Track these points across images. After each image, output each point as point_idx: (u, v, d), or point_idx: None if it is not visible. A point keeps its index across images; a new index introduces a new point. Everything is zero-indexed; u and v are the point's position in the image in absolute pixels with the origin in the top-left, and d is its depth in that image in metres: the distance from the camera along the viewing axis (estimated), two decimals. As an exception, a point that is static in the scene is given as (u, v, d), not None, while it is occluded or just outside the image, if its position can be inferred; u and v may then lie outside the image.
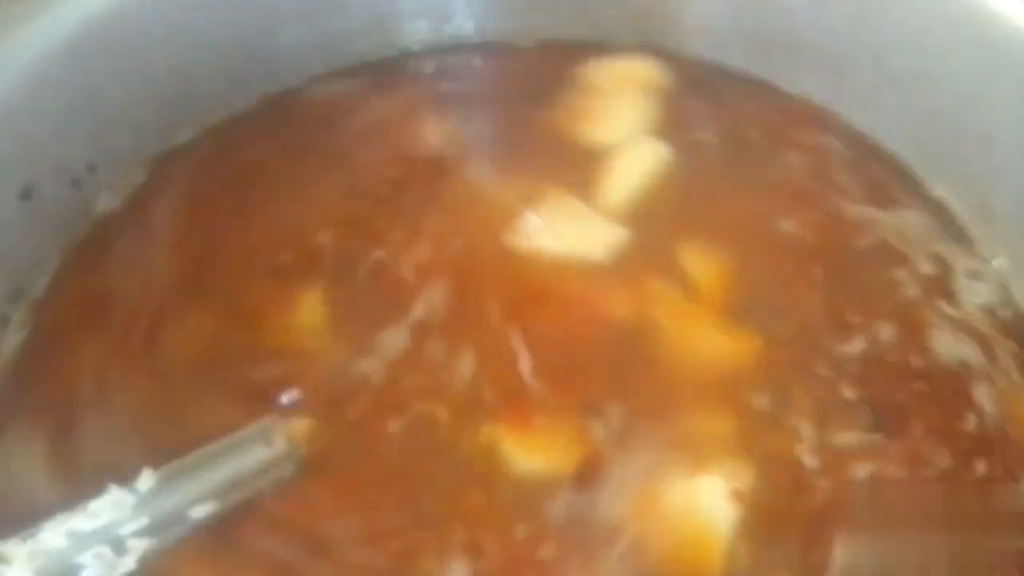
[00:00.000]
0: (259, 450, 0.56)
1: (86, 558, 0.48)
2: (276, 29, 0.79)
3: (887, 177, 0.75)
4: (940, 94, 0.71)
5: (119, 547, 0.50)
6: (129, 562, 0.50)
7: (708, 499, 0.56)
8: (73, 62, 0.68)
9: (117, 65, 0.71)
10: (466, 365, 0.62)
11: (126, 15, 0.70)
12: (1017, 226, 0.69)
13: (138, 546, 0.50)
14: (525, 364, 0.62)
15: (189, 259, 0.69)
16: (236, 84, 0.79)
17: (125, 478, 0.52)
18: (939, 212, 0.72)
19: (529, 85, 0.80)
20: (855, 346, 0.63)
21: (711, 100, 0.79)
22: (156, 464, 0.54)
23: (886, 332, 0.64)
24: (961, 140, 0.71)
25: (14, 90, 0.65)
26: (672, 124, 0.76)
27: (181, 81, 0.75)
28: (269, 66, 0.80)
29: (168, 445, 0.55)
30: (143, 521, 0.51)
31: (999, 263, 0.69)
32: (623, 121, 0.76)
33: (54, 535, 0.48)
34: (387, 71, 0.84)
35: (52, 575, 0.47)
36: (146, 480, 0.52)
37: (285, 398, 0.60)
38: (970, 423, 0.60)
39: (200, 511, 0.53)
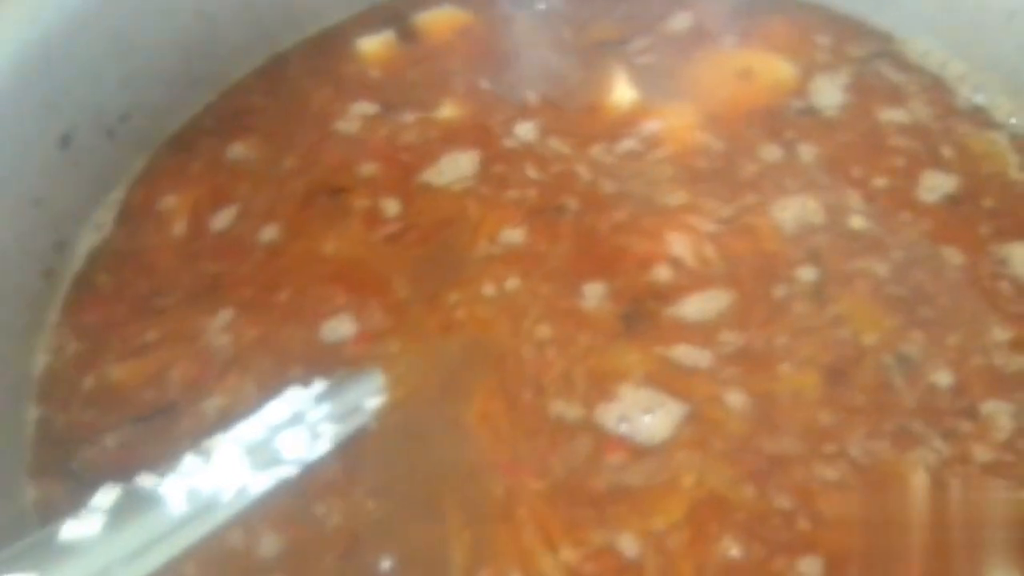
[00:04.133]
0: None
1: (284, 441, 0.53)
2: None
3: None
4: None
5: (312, 431, 0.54)
6: (324, 444, 0.54)
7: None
8: (104, 7, 0.67)
9: (147, 10, 0.70)
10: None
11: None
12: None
13: (329, 430, 0.55)
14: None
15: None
16: (261, 30, 0.78)
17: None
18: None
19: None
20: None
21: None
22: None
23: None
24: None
25: (50, 35, 0.64)
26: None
27: (207, 28, 0.75)
28: (291, 12, 0.80)
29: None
30: (326, 409, 0.55)
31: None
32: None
33: (253, 427, 0.53)
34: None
35: (259, 457, 0.52)
36: (319, 384, 0.57)
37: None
38: None
39: (373, 402, 0.58)
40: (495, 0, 0.82)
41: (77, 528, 0.44)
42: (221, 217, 0.68)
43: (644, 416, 0.57)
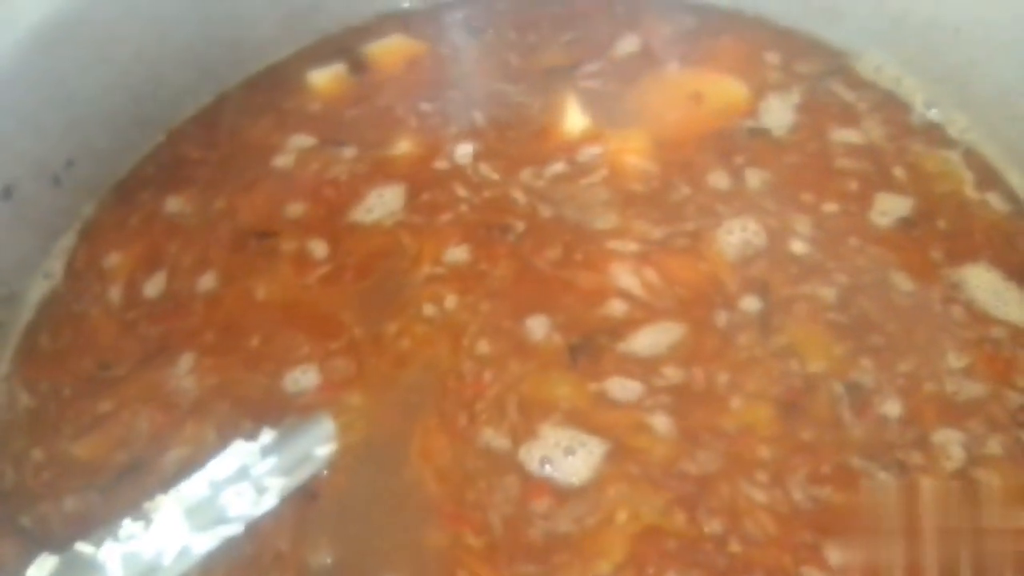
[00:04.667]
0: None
1: (229, 499, 0.53)
2: (242, 11, 0.78)
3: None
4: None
5: (258, 486, 0.54)
6: (271, 499, 0.54)
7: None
8: (40, 54, 0.67)
9: (84, 55, 0.69)
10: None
11: (90, 3, 0.68)
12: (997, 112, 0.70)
13: (276, 484, 0.54)
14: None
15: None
16: (205, 71, 0.78)
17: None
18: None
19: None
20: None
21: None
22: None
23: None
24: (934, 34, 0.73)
25: (-17, 86, 0.63)
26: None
27: (150, 69, 0.74)
28: (237, 51, 0.79)
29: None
30: (273, 462, 0.55)
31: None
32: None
33: (196, 485, 0.53)
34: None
35: (202, 517, 0.52)
36: (267, 436, 0.57)
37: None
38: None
39: (323, 451, 0.57)
40: (443, 30, 0.82)
41: (8, 605, 0.44)
42: (154, 282, 0.67)
43: (566, 457, 0.56)
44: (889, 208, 0.67)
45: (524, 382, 0.60)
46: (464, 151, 0.72)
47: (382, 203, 0.69)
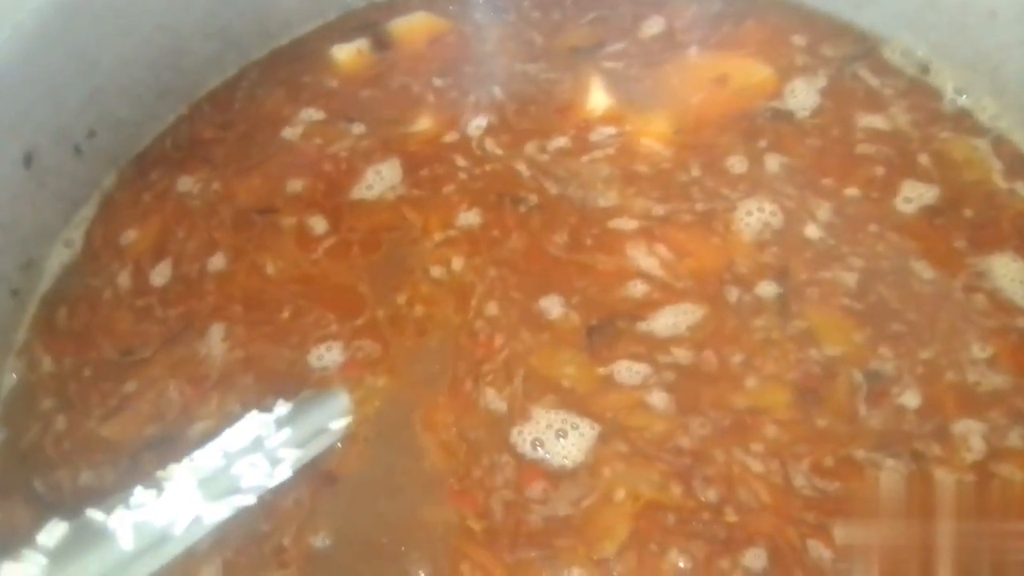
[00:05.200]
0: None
1: (242, 469, 0.53)
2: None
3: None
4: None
5: (272, 458, 0.54)
6: (284, 470, 0.54)
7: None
8: (62, 22, 0.66)
9: (106, 26, 0.69)
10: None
11: (111, -28, 0.69)
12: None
13: (290, 456, 0.54)
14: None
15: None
16: (229, 43, 0.77)
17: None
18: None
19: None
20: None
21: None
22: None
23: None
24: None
25: (5, 52, 0.63)
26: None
27: (172, 40, 0.74)
28: (261, 23, 0.79)
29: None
30: (287, 434, 0.55)
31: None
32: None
33: (210, 454, 0.53)
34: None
35: (215, 487, 0.52)
36: (281, 407, 0.57)
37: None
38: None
39: (338, 424, 0.57)
40: (467, 7, 0.81)
41: (17, 569, 0.44)
42: (160, 271, 0.67)
43: (557, 439, 0.56)
44: (914, 195, 0.65)
45: (534, 354, 0.60)
46: (478, 126, 0.72)
47: (380, 179, 0.69)
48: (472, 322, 0.61)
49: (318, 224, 0.68)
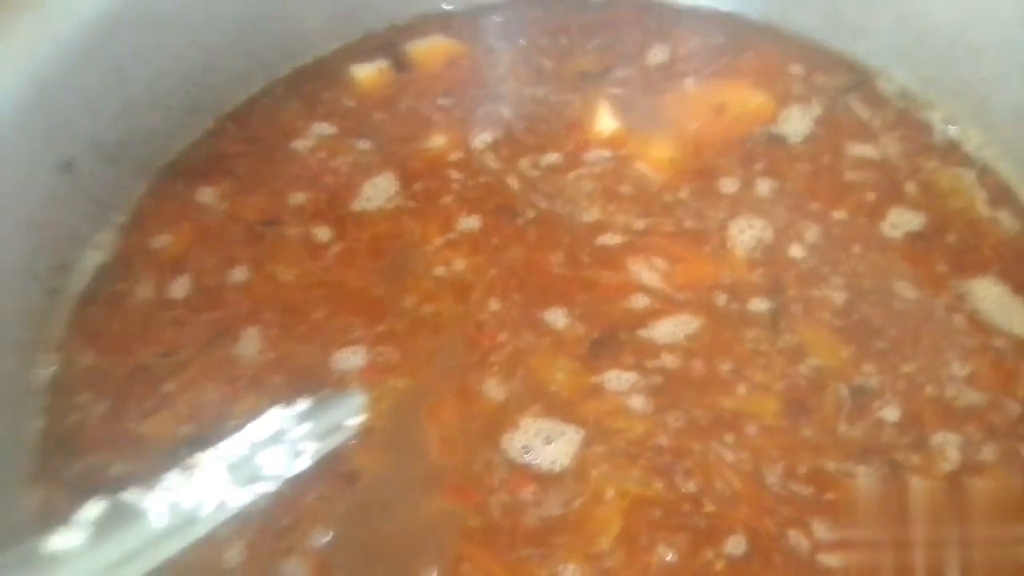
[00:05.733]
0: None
1: (265, 459, 0.55)
2: (291, 6, 0.82)
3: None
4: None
5: (293, 449, 0.57)
6: (304, 461, 0.57)
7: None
8: (102, 38, 0.71)
9: (143, 41, 0.74)
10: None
11: (151, -8, 0.73)
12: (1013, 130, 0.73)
13: (310, 448, 0.57)
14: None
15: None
16: (255, 61, 0.82)
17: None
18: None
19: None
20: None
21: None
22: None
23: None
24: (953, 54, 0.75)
25: (49, 65, 0.68)
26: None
27: (203, 57, 0.78)
28: (285, 43, 0.83)
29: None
30: (308, 427, 0.58)
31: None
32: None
33: (236, 444, 0.55)
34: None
35: (240, 473, 0.54)
36: (302, 403, 0.59)
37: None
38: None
39: (354, 421, 0.61)
40: (481, 33, 0.86)
41: (63, 540, 0.47)
42: (183, 281, 0.70)
43: (545, 446, 0.60)
44: (900, 221, 0.70)
45: (535, 356, 0.63)
46: (483, 140, 0.76)
47: (378, 192, 0.74)
48: (476, 314, 0.66)
49: (322, 233, 0.71)
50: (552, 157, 0.75)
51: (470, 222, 0.71)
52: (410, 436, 0.61)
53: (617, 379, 0.62)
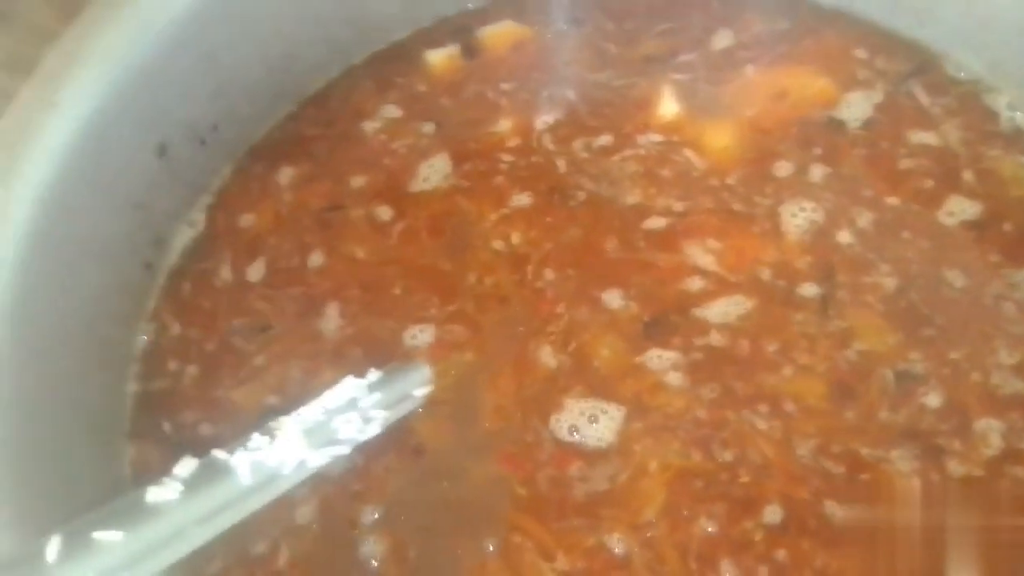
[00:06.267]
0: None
1: (339, 424, 0.61)
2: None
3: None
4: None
5: (365, 416, 0.62)
6: (375, 428, 0.62)
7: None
8: (194, 29, 0.75)
9: (232, 31, 0.78)
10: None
11: (239, -16, 0.78)
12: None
13: (380, 416, 0.62)
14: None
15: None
16: (334, 47, 0.86)
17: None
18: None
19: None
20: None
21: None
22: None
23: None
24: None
25: (146, 56, 0.73)
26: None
27: (286, 45, 0.83)
28: (362, 29, 0.87)
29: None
30: (378, 397, 0.63)
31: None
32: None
33: (313, 410, 0.61)
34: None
35: (317, 437, 0.59)
36: (373, 375, 0.64)
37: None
38: None
39: (420, 392, 0.65)
40: (549, 17, 0.88)
41: (160, 493, 0.53)
42: (255, 268, 0.75)
43: (591, 424, 0.63)
44: (957, 209, 0.70)
45: (588, 331, 0.67)
46: (545, 121, 0.80)
47: (433, 172, 0.78)
48: (534, 283, 0.70)
49: (384, 213, 0.76)
50: (604, 139, 0.77)
51: (522, 199, 0.74)
52: (470, 406, 0.65)
53: (659, 358, 0.65)
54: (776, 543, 0.58)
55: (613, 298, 0.68)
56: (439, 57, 0.87)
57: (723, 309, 0.67)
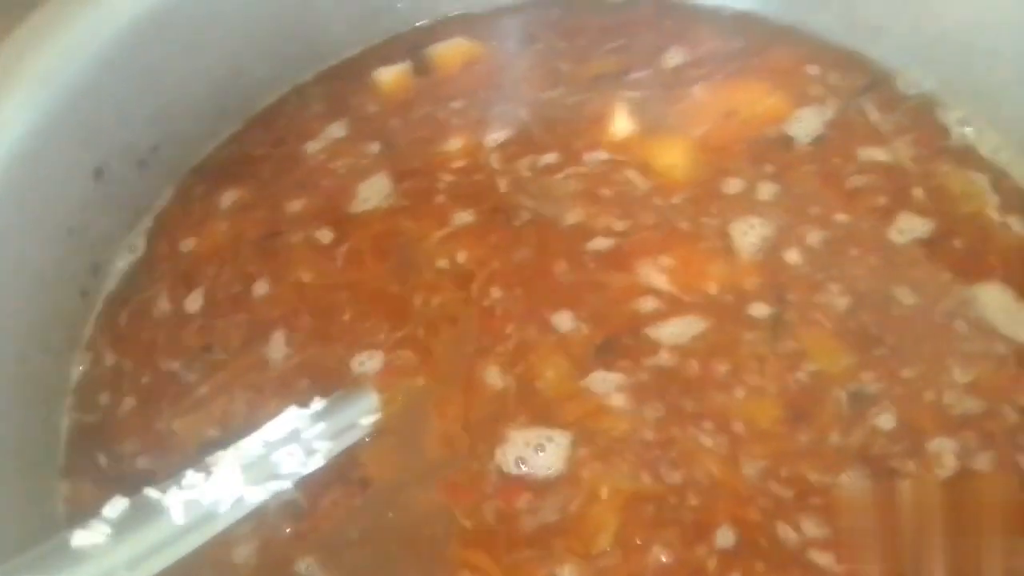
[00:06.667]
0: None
1: (281, 458, 0.59)
2: (316, 11, 0.85)
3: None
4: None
5: (308, 448, 0.60)
6: (318, 460, 0.60)
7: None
8: (133, 47, 0.73)
9: (172, 50, 0.76)
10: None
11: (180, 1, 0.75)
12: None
13: (324, 447, 0.61)
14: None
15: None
16: (282, 65, 0.84)
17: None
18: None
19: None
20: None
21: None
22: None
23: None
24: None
25: (81, 75, 0.70)
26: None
27: (231, 62, 0.81)
28: (311, 47, 0.86)
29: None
30: (322, 427, 0.61)
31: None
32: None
33: (253, 444, 0.59)
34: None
35: (256, 472, 0.58)
36: (317, 404, 0.63)
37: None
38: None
39: (367, 420, 0.63)
40: (501, 35, 0.87)
41: (87, 536, 0.51)
42: (195, 296, 0.73)
43: (537, 454, 0.61)
44: (908, 227, 0.70)
45: (536, 352, 0.66)
46: (495, 140, 0.78)
47: (373, 192, 0.76)
48: (480, 300, 0.68)
49: (324, 236, 0.74)
50: (550, 158, 0.76)
51: (464, 217, 0.73)
52: (417, 433, 0.64)
53: (603, 380, 0.64)
54: (730, 566, 0.57)
55: (564, 320, 0.67)
56: (390, 75, 0.86)
57: (676, 330, 0.66)
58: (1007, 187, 0.73)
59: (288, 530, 0.60)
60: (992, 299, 0.66)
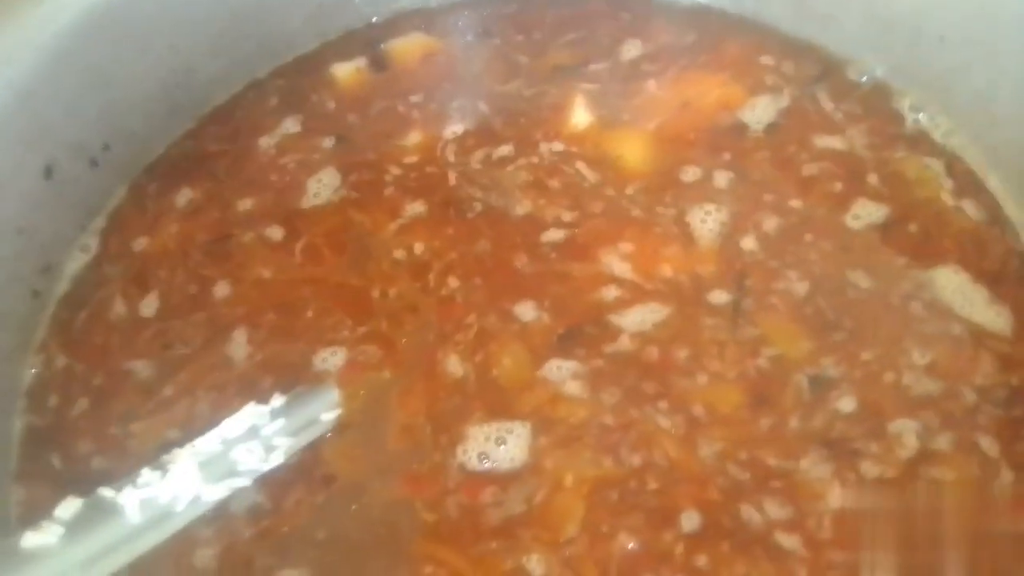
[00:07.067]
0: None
1: (239, 455, 0.58)
2: (271, 7, 0.84)
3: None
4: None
5: (267, 445, 0.59)
6: (278, 457, 0.59)
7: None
8: (80, 43, 0.72)
9: (121, 46, 0.75)
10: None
11: (127, -4, 0.74)
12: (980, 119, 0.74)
13: (283, 444, 0.60)
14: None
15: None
16: (236, 61, 0.83)
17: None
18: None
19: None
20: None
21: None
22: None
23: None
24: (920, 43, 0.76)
25: (28, 72, 0.69)
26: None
27: (183, 59, 0.80)
28: (266, 43, 0.85)
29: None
30: (281, 423, 0.60)
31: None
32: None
33: (210, 441, 0.58)
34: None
35: (214, 470, 0.57)
36: (276, 400, 0.62)
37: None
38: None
39: (327, 416, 0.62)
40: (458, 29, 0.87)
41: (38, 538, 0.49)
42: (150, 298, 0.71)
43: (499, 448, 0.61)
44: (863, 212, 0.70)
45: (496, 341, 0.65)
46: (454, 132, 0.78)
47: (322, 186, 0.76)
48: (438, 290, 0.68)
49: (275, 233, 0.73)
50: (504, 150, 0.76)
51: (416, 207, 0.73)
52: (380, 427, 0.63)
53: (558, 368, 0.64)
54: (697, 549, 0.57)
55: (526, 310, 0.67)
56: (346, 70, 0.85)
57: (639, 317, 0.66)
58: (960, 171, 0.74)
59: (250, 532, 0.59)
60: (948, 281, 0.67)
